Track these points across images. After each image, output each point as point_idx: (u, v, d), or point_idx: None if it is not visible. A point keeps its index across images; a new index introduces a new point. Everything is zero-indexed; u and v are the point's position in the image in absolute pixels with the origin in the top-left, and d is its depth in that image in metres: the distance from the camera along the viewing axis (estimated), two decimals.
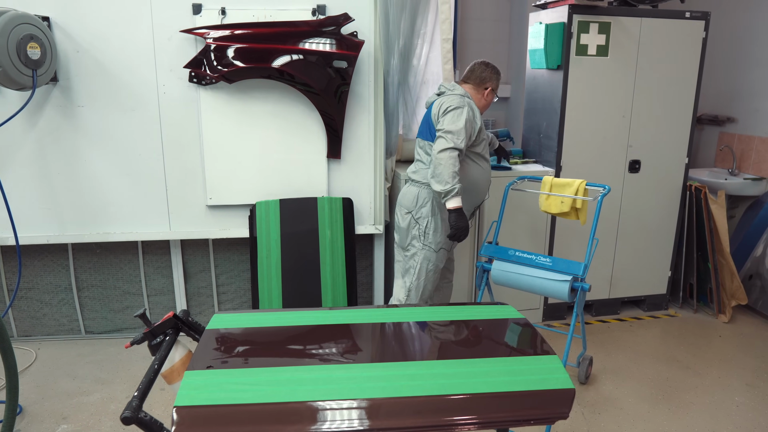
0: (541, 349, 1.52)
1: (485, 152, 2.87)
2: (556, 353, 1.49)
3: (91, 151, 3.14)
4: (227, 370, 1.38)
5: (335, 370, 1.39)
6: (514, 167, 3.60)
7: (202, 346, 1.53)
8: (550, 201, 2.97)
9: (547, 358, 1.45)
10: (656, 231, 3.83)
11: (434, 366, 1.42)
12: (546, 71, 3.62)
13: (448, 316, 1.72)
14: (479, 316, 1.73)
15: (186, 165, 3.22)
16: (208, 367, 1.39)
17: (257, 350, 1.52)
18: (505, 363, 1.43)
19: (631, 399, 2.90)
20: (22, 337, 3.61)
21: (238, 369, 1.39)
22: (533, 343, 1.58)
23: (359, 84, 3.17)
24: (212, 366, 1.39)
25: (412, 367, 1.41)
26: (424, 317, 1.71)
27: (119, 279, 3.56)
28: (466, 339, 1.60)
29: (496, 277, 2.84)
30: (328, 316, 1.71)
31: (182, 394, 1.27)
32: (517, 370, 1.39)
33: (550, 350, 1.50)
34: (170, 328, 1.65)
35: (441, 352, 1.52)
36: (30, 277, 3.49)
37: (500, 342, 1.59)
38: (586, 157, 3.59)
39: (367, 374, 1.37)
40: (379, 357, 1.46)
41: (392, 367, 1.41)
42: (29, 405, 2.92)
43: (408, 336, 1.62)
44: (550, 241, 3.64)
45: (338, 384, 1.32)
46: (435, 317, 1.71)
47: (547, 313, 3.80)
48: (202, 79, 3.03)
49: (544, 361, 1.44)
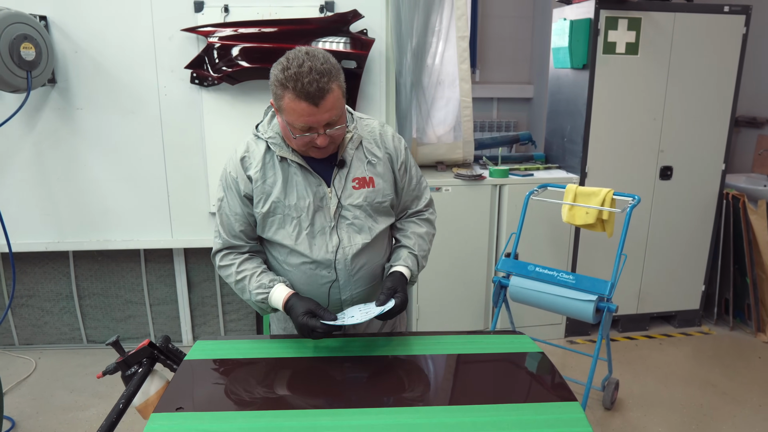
0: (561, 393, 1.31)
1: (290, 235, 1.55)
2: (576, 399, 1.29)
3: (90, 155, 3.01)
4: (199, 414, 1.21)
5: (320, 416, 1.21)
6: (536, 173, 3.38)
7: (177, 381, 1.36)
8: (574, 212, 2.76)
9: (568, 406, 1.25)
10: (689, 242, 3.57)
11: (434, 414, 1.23)
12: (570, 71, 3.39)
13: (455, 349, 1.53)
14: (490, 349, 1.54)
15: (188, 170, 3.07)
16: (178, 408, 1.22)
17: (238, 388, 1.35)
18: (518, 411, 1.23)
19: (660, 428, 2.66)
20: (23, 345, 3.51)
21: (211, 413, 1.22)
22: (552, 384, 1.38)
23: (370, 85, 2.98)
24: (182, 408, 1.22)
25: (409, 415, 1.22)
26: (428, 349, 1.52)
27: (121, 287, 3.43)
28: (474, 379, 1.40)
29: (514, 294, 2.63)
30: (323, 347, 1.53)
31: None
32: (532, 421, 1.19)
33: (569, 395, 1.30)
34: (146, 357, 1.49)
35: (443, 396, 1.33)
36: (30, 285, 3.39)
37: (513, 383, 1.39)
38: (613, 163, 3.35)
39: (356, 423, 1.18)
40: (369, 401, 1.27)
41: (386, 414, 1.22)
42: (23, 420, 2.80)
43: (408, 374, 1.43)
44: (574, 254, 3.41)
45: None
46: (440, 349, 1.52)
47: (570, 328, 3.57)
48: (205, 80, 2.88)
49: (564, 409, 1.24)
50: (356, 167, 1.55)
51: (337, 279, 1.55)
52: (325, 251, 1.53)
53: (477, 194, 3.20)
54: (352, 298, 1.59)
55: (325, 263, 1.53)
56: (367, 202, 1.56)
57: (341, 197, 1.53)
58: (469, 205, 3.21)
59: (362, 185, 1.56)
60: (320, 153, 1.47)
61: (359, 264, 1.57)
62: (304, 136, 1.41)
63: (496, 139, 3.81)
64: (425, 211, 1.76)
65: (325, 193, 1.52)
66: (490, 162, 3.50)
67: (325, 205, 1.53)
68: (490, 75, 4.42)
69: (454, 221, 3.19)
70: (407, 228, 1.71)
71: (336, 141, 1.47)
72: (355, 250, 1.55)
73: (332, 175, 1.53)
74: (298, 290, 1.55)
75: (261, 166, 1.51)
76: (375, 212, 1.58)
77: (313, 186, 1.52)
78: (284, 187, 1.51)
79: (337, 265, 1.54)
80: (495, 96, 4.86)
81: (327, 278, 1.55)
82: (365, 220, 1.56)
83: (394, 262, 1.63)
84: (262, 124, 1.59)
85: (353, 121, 1.59)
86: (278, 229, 1.54)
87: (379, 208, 1.59)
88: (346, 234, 1.54)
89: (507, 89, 4.80)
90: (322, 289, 1.56)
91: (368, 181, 1.56)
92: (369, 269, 1.60)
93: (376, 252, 1.63)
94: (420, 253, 1.67)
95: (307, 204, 1.51)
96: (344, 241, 1.54)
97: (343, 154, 1.53)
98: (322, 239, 1.53)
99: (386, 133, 1.63)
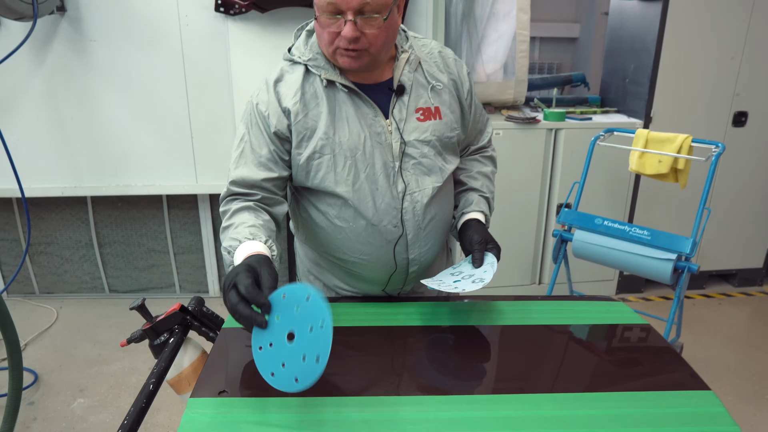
0: (687, 378, 1.06)
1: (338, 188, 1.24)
2: (708, 386, 1.04)
3: (106, 92, 2.75)
4: (249, 401, 0.98)
5: (401, 406, 0.97)
6: (594, 118, 3.06)
7: (216, 355, 1.13)
8: (645, 160, 2.46)
9: (701, 397, 1.01)
10: (756, 196, 3.26)
11: (537, 404, 0.99)
12: (638, 2, 3.02)
13: (541, 318, 1.28)
14: (584, 319, 1.29)
15: (213, 109, 2.80)
16: (221, 392, 1.00)
17: None
18: (641, 402, 0.99)
19: (730, 397, 2.44)
20: (44, 294, 3.36)
21: (262, 399, 0.98)
22: (673, 367, 1.13)
23: (415, 15, 2.65)
24: (226, 392, 1.00)
25: (506, 405, 0.99)
26: (507, 318, 1.28)
27: (143, 235, 3.23)
28: (575, 358, 1.15)
29: (578, 249, 2.36)
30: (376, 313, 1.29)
31: None
32: (663, 416, 0.95)
33: (699, 382, 1.05)
34: (177, 325, 1.27)
35: (544, 381, 1.09)
36: (48, 232, 3.20)
37: (625, 365, 1.14)
38: (682, 107, 3.01)
39: (444, 416, 0.95)
40: (451, 387, 1.04)
41: (478, 404, 0.99)
42: (45, 373, 2.66)
43: (492, 352, 1.19)
44: (631, 207, 3.12)
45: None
46: (522, 319, 1.27)
47: (622, 285, 3.32)
48: (231, 8, 2.57)
49: (698, 401, 1.00)
50: (418, 94, 1.25)
51: (404, 234, 1.27)
52: (390, 199, 1.24)
53: (530, 139, 2.90)
54: (420, 259, 1.31)
55: (389, 214, 1.25)
56: (436, 137, 1.26)
57: (404, 131, 1.24)
58: (520, 151, 2.91)
59: (428, 116, 1.26)
60: (350, 61, 1.15)
61: (430, 214, 1.28)
62: (329, 19, 1.10)
63: (546, 80, 3.46)
64: (488, 148, 1.49)
65: (383, 127, 1.23)
66: (543, 104, 3.17)
67: (384, 142, 1.23)
68: (531, 12, 4.03)
69: (502, 168, 2.83)
70: (471, 167, 1.44)
71: (371, 46, 1.13)
72: (426, 196, 1.26)
73: (390, 104, 1.24)
74: (354, 252, 1.28)
75: (300, 95, 1.21)
76: (444, 149, 1.29)
77: (368, 118, 1.22)
78: (332, 120, 1.21)
79: (405, 216, 1.26)
80: (537, 35, 4.48)
81: (392, 234, 1.27)
82: (435, 159, 1.27)
83: (465, 208, 1.37)
84: (296, 46, 1.27)
85: (407, 40, 1.29)
86: (327, 173, 1.22)
87: (448, 144, 1.30)
88: (413, 176, 1.25)
89: (550, 28, 4.41)
90: (385, 249, 1.28)
91: (434, 111, 1.27)
92: (440, 221, 1.32)
93: (447, 199, 1.35)
94: (490, 196, 1.41)
95: (362, 140, 1.21)
96: (412, 186, 1.25)
97: (401, 78, 1.24)
98: (384, 184, 1.24)
99: (448, 55, 1.33)
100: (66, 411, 2.40)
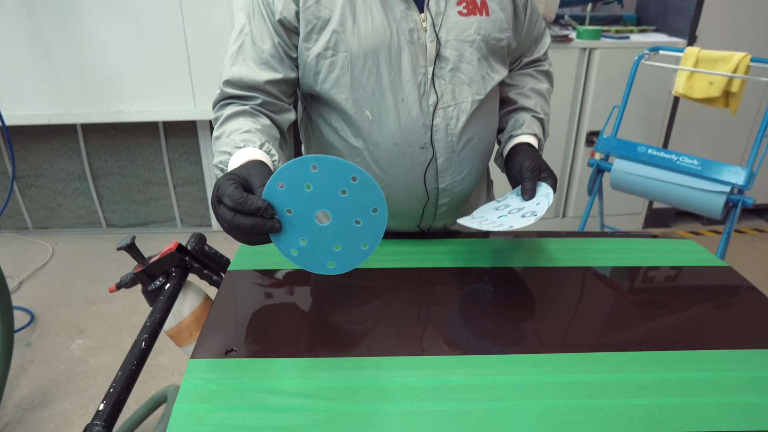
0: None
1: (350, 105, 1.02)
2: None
3: (91, 7, 2.46)
4: (262, 362, 0.80)
5: (448, 368, 0.79)
6: (631, 37, 2.76)
7: (221, 304, 0.95)
8: (694, 81, 2.20)
9: None
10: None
11: (618, 364, 0.80)
12: None
13: (604, 259, 1.08)
14: (655, 260, 1.09)
15: (212, 25, 2.53)
16: (228, 352, 0.81)
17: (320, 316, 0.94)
18: (740, 363, 0.80)
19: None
20: (37, 230, 3.18)
21: (283, 360, 0.80)
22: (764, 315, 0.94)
23: None
24: (235, 351, 0.82)
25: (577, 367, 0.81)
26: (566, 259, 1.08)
27: (139, 166, 3.02)
28: (652, 308, 0.96)
29: (617, 180, 2.15)
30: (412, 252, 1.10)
31: (179, 411, 0.71)
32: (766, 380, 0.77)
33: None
34: (174, 267, 1.07)
35: (622, 336, 0.90)
36: (37, 163, 2.99)
37: (713, 315, 0.95)
38: (731, 25, 2.71)
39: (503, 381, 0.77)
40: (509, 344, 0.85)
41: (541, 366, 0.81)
42: (42, 313, 2.52)
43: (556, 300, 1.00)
44: (666, 134, 2.88)
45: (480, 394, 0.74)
46: (582, 260, 1.08)
47: (650, 219, 3.13)
48: None
49: None
50: None
51: (435, 157, 1.04)
52: (418, 113, 1.00)
53: (561, 59, 2.62)
54: (453, 189, 1.09)
55: (416, 133, 1.02)
56: (481, 36, 1.01)
57: (440, 29, 0.99)
58: None
59: (472, 11, 1.01)
60: None
61: (468, 134, 1.04)
62: None
63: None
64: (544, 61, 1.24)
65: (416, 23, 0.98)
66: (575, 22, 2.87)
67: (416, 41, 0.98)
68: None
69: None
70: (523, 83, 1.19)
71: None
72: (464, 112, 1.02)
73: None
74: (375, 179, 0.97)
75: None
76: (491, 53, 1.05)
77: (396, 11, 0.97)
78: (352, 9, 0.96)
79: (435, 135, 1.02)
80: None
81: (420, 157, 1.04)
82: (478, 66, 1.02)
83: (515, 130, 1.14)
84: None
85: None
86: (341, 76, 0.98)
87: (495, 47, 1.04)
88: (448, 86, 1.01)
89: None
90: (412, 175, 1.05)
91: (480, 5, 1.02)
92: (480, 144, 1.08)
93: (490, 118, 1.11)
94: (545, 117, 1.17)
95: (387, 38, 0.97)
96: (446, 98, 1.01)
97: None
98: (412, 95, 1.00)
99: None
100: (65, 353, 2.27)
